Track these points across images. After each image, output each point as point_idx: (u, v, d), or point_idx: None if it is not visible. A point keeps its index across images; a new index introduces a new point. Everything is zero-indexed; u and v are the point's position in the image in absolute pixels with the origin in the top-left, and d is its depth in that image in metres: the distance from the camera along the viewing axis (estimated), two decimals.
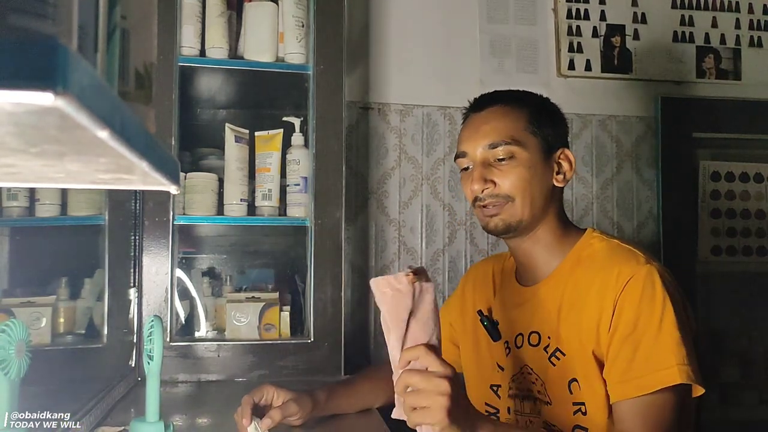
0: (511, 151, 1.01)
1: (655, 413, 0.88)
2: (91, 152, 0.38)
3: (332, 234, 1.48)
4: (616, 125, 2.03)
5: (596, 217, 1.99)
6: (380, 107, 1.91)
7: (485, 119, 1.05)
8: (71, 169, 0.45)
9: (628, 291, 0.93)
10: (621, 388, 0.91)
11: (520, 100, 1.08)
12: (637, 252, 1.00)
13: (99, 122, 0.30)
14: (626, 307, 0.93)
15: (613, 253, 1.00)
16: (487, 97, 1.09)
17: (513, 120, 1.03)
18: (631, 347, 0.91)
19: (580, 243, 1.05)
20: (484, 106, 1.07)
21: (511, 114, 1.04)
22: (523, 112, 1.05)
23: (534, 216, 1.02)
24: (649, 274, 0.94)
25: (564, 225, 1.08)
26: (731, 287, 2.01)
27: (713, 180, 2.05)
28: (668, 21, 2.07)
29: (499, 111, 1.05)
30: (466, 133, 1.07)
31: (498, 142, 1.01)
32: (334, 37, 1.52)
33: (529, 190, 1.01)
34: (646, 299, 0.92)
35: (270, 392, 1.05)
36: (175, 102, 1.44)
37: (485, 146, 1.02)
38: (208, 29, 1.49)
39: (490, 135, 1.02)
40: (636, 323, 0.92)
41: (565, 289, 1.01)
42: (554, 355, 0.99)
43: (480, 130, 1.04)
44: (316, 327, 1.46)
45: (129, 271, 1.42)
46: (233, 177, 1.49)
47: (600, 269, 0.98)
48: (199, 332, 1.59)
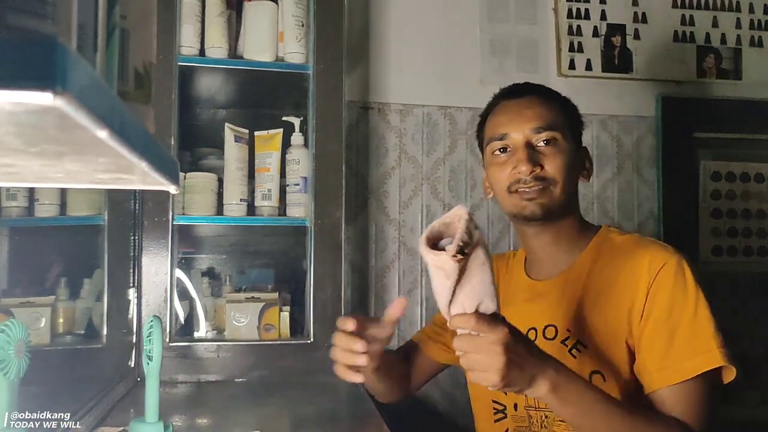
0: (555, 137, 1.03)
1: (698, 397, 0.89)
2: (91, 152, 0.38)
3: (332, 234, 1.48)
4: (616, 125, 2.03)
5: (597, 216, 1.99)
6: (380, 107, 1.91)
7: (527, 105, 1.06)
8: (71, 169, 0.45)
9: (661, 278, 0.95)
10: (661, 375, 0.91)
11: (553, 94, 1.10)
12: (662, 242, 1.03)
13: (98, 122, 0.30)
14: (660, 294, 0.94)
15: (638, 243, 1.02)
16: (522, 86, 1.11)
17: (554, 110, 1.06)
18: (667, 333, 0.92)
19: (598, 237, 1.07)
20: (523, 94, 1.08)
21: (550, 104, 1.06)
22: (558, 105, 1.07)
23: (566, 205, 1.04)
24: (680, 262, 0.96)
25: (582, 220, 1.11)
26: (732, 287, 2.01)
27: (714, 180, 2.05)
28: (669, 20, 2.07)
29: (540, 100, 1.07)
30: (505, 117, 1.06)
31: (544, 126, 1.02)
32: (334, 36, 1.52)
33: (568, 179, 1.03)
34: (680, 286, 0.94)
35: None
36: (174, 102, 1.44)
37: (531, 129, 1.03)
38: (207, 29, 1.49)
39: (535, 119, 1.03)
40: (671, 309, 0.92)
41: (588, 281, 1.02)
42: (575, 347, 0.99)
43: (523, 114, 1.04)
44: (316, 327, 1.46)
45: (128, 272, 1.42)
46: (233, 177, 1.49)
47: (628, 259, 0.99)
48: (199, 332, 1.59)
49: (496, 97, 1.12)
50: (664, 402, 0.90)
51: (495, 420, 1.10)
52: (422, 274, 1.89)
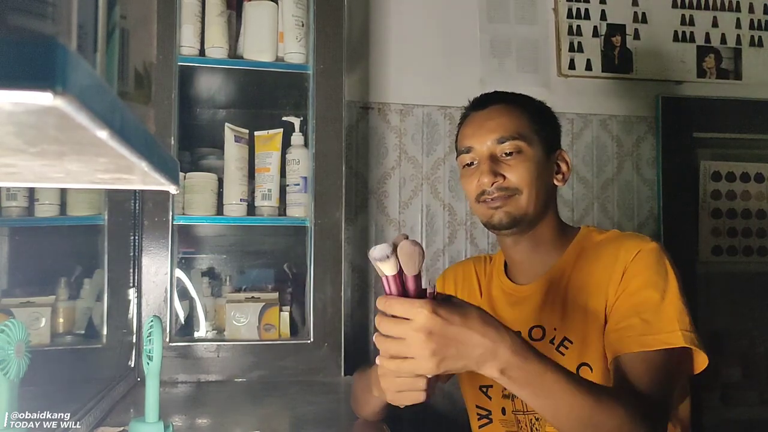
0: (518, 146, 1.03)
1: (654, 369, 0.88)
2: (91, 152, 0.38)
3: (332, 234, 1.48)
4: (616, 125, 2.03)
5: (597, 217, 1.99)
6: (380, 107, 1.91)
7: (490, 116, 1.06)
8: (71, 169, 0.45)
9: (636, 261, 0.96)
10: (622, 343, 0.91)
11: (521, 101, 1.10)
12: (640, 234, 1.05)
13: (98, 122, 0.30)
14: (633, 275, 0.95)
15: (617, 237, 1.04)
16: (489, 96, 1.11)
17: (518, 117, 1.06)
18: (633, 309, 0.92)
19: (578, 238, 1.08)
20: (487, 104, 1.09)
21: (515, 112, 1.06)
22: (525, 112, 1.07)
23: (537, 212, 1.04)
24: (654, 249, 0.98)
25: (561, 223, 1.11)
26: (732, 287, 2.01)
27: (714, 180, 2.05)
28: (669, 20, 2.07)
29: (503, 109, 1.07)
30: (470, 129, 1.08)
31: (506, 136, 1.03)
32: (333, 36, 1.52)
33: (535, 185, 1.03)
34: (652, 268, 0.95)
35: None
36: (174, 102, 1.44)
37: (493, 140, 1.04)
38: (207, 29, 1.49)
39: (497, 130, 1.04)
40: (640, 288, 0.94)
41: (570, 279, 1.03)
42: (562, 344, 1.00)
43: (485, 126, 1.05)
44: (316, 327, 1.46)
45: (128, 271, 1.42)
46: (233, 177, 1.49)
47: (607, 252, 1.01)
48: (199, 332, 1.59)
49: (466, 108, 1.13)
50: (623, 366, 0.89)
51: (479, 426, 1.10)
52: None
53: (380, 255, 0.71)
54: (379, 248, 0.71)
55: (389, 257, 0.71)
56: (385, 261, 0.71)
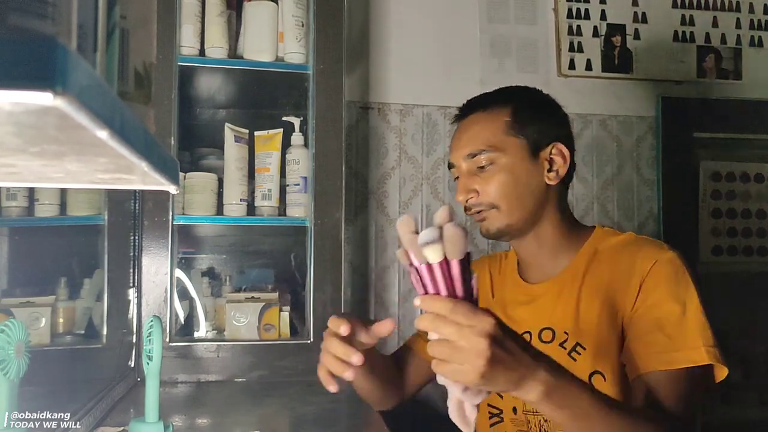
0: (490, 159, 1.01)
1: (681, 387, 0.87)
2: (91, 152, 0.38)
3: (332, 234, 1.48)
4: (616, 125, 2.03)
5: (597, 217, 1.99)
6: (380, 107, 1.91)
7: (465, 128, 1.06)
8: (71, 169, 0.45)
9: (654, 273, 0.94)
10: (646, 360, 0.89)
11: (501, 101, 1.06)
12: (657, 240, 1.02)
13: (98, 122, 0.30)
14: (651, 288, 0.94)
15: (634, 242, 1.02)
16: (468, 105, 1.09)
17: (491, 125, 1.03)
18: (655, 324, 0.91)
19: (593, 238, 1.06)
20: (465, 114, 1.08)
21: (489, 119, 1.04)
22: (503, 114, 1.04)
23: (526, 218, 1.02)
24: (673, 259, 0.96)
25: (569, 222, 1.08)
26: (732, 287, 2.01)
27: (714, 180, 2.05)
28: (669, 20, 2.07)
29: (479, 117, 1.05)
30: (453, 143, 1.08)
31: (476, 151, 1.02)
32: (333, 36, 1.52)
33: (514, 194, 1.01)
34: (671, 281, 0.94)
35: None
36: (174, 102, 1.44)
37: (465, 156, 1.04)
38: (207, 29, 1.49)
39: (468, 145, 1.03)
40: (661, 303, 0.92)
41: (583, 282, 1.01)
42: (574, 350, 0.98)
43: (461, 140, 1.06)
44: (316, 327, 1.46)
45: (128, 271, 1.42)
46: (233, 177, 1.49)
47: (623, 257, 0.99)
48: (199, 332, 1.59)
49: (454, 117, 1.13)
50: (648, 385, 0.88)
51: (491, 424, 1.09)
52: None
53: (428, 238, 0.65)
54: (426, 232, 0.65)
55: (436, 242, 0.65)
56: (432, 245, 0.65)
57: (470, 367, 0.66)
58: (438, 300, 0.67)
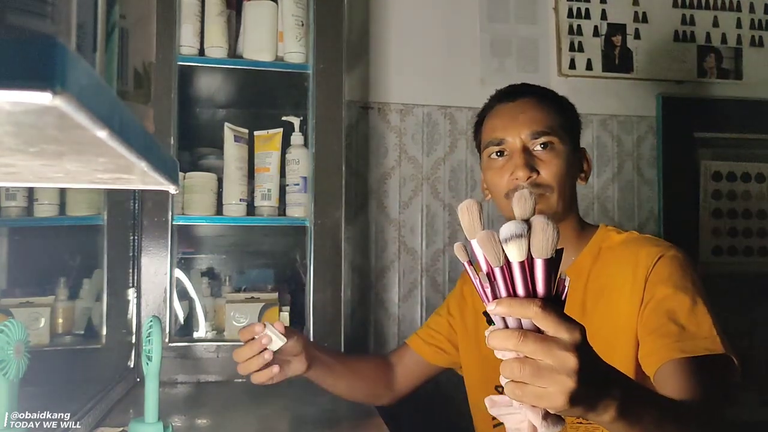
0: (552, 141, 1.02)
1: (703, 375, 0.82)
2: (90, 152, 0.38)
3: (332, 234, 1.48)
4: (617, 125, 2.03)
5: (597, 216, 1.99)
6: (380, 107, 1.91)
7: (521, 108, 1.05)
8: (70, 169, 0.45)
9: (659, 268, 0.94)
10: (663, 353, 0.85)
11: (550, 95, 1.10)
12: (661, 239, 1.03)
13: (98, 122, 0.30)
14: (658, 282, 0.93)
15: (637, 240, 1.02)
16: (518, 88, 1.10)
17: (550, 112, 1.05)
18: (668, 318, 0.89)
19: (596, 236, 1.06)
20: (517, 97, 1.07)
21: (546, 107, 1.06)
22: (554, 107, 1.06)
23: (564, 210, 1.03)
24: (677, 255, 0.96)
25: (581, 222, 1.10)
26: (732, 288, 2.01)
27: (714, 180, 2.05)
28: (669, 20, 2.07)
29: (535, 102, 1.06)
30: (501, 121, 1.06)
31: (541, 130, 1.02)
32: (333, 36, 1.52)
33: (565, 183, 1.02)
34: (677, 275, 0.93)
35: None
36: (174, 101, 1.44)
37: (527, 134, 1.02)
38: (207, 28, 1.49)
39: (531, 123, 1.03)
40: (671, 297, 0.91)
41: (588, 281, 1.01)
42: None
43: (518, 118, 1.04)
44: (316, 327, 1.46)
45: (128, 272, 1.42)
46: (232, 177, 1.49)
47: (627, 255, 0.99)
48: (198, 333, 1.59)
49: (492, 98, 1.12)
50: (667, 376, 0.84)
51: (494, 425, 1.09)
52: (422, 275, 1.89)
53: (516, 231, 0.54)
54: (511, 224, 0.55)
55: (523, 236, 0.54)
56: (518, 241, 0.54)
57: (558, 389, 0.54)
58: (522, 302, 0.55)
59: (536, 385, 0.55)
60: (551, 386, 0.54)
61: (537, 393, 0.55)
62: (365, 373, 1.20)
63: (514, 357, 0.56)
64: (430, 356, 1.23)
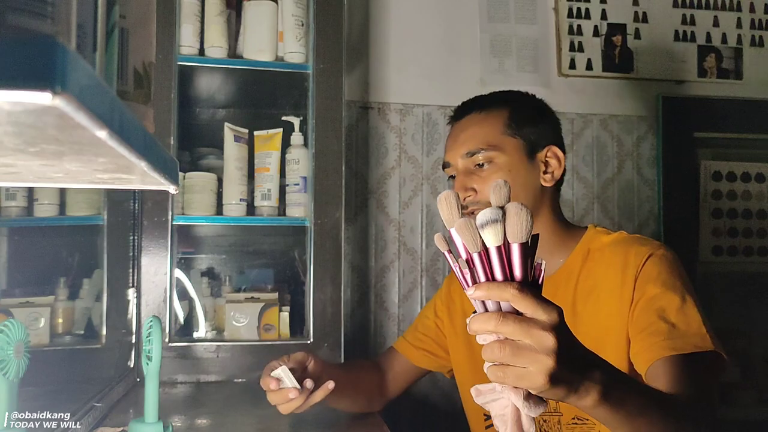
0: (489, 157, 1.03)
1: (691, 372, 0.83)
2: (90, 152, 0.38)
3: (332, 234, 1.48)
4: (617, 125, 2.03)
5: (597, 217, 1.99)
6: (380, 107, 1.91)
7: (463, 128, 1.07)
8: (70, 169, 0.45)
9: (648, 267, 0.95)
10: (653, 351, 0.86)
11: (499, 102, 1.08)
12: (650, 238, 1.03)
13: (98, 122, 0.30)
14: (647, 282, 0.93)
15: (625, 240, 1.02)
16: (464, 106, 1.11)
17: (490, 125, 1.05)
18: (657, 316, 0.89)
19: (585, 238, 1.06)
20: (462, 115, 1.09)
21: (487, 119, 1.06)
22: (501, 115, 1.06)
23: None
24: (666, 254, 0.97)
25: (562, 223, 1.09)
26: (732, 287, 2.01)
27: (714, 180, 2.05)
28: (669, 20, 2.07)
29: (476, 118, 1.07)
30: (448, 143, 1.09)
31: (475, 149, 1.03)
32: (333, 36, 1.52)
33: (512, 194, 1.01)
34: (666, 274, 0.94)
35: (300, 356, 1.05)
36: (174, 101, 1.44)
37: (463, 155, 1.05)
38: (207, 28, 1.49)
39: (467, 143, 1.05)
40: (660, 296, 0.91)
41: (577, 283, 1.01)
42: None
43: (458, 139, 1.06)
44: (316, 327, 1.46)
45: (128, 272, 1.42)
46: (232, 177, 1.49)
47: (616, 255, 0.99)
48: (198, 333, 1.59)
49: (449, 118, 1.14)
50: (657, 377, 0.85)
51: (486, 427, 1.09)
52: (422, 275, 1.89)
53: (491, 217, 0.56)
54: (487, 211, 0.57)
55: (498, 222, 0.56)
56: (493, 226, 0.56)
57: (538, 368, 0.55)
58: (500, 285, 0.56)
59: (517, 365, 0.56)
60: (531, 365, 0.55)
61: (518, 373, 0.56)
62: (363, 386, 1.20)
63: (495, 339, 0.57)
64: (419, 360, 1.23)
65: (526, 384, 0.56)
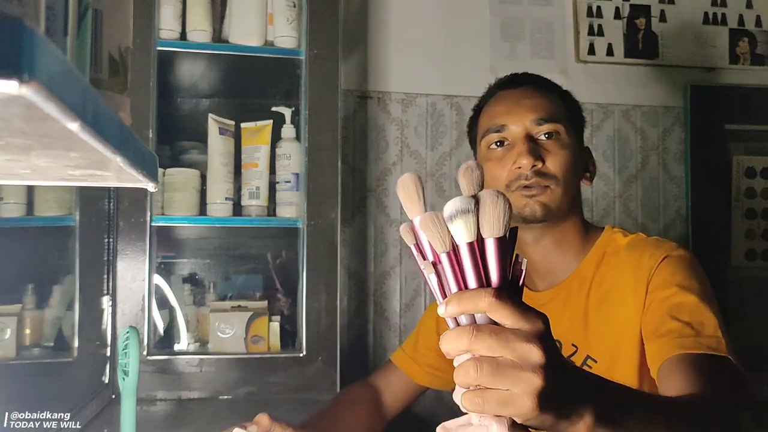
0: (558, 129, 1.03)
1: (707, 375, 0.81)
2: (61, 146, 0.38)
3: (327, 236, 1.48)
4: (640, 116, 2.03)
5: (619, 217, 2.00)
6: (380, 96, 1.91)
7: (526, 94, 1.06)
8: (39, 165, 0.45)
9: (661, 270, 0.95)
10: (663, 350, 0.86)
11: (552, 85, 1.11)
12: (666, 240, 1.03)
13: (69, 112, 0.30)
14: (661, 284, 0.94)
15: (641, 242, 1.03)
16: (519, 76, 1.12)
17: (554, 102, 1.07)
18: (670, 316, 0.89)
19: (601, 240, 1.07)
20: (519, 84, 1.09)
21: (550, 95, 1.07)
22: (559, 99, 1.08)
23: (567, 206, 1.04)
24: (684, 256, 0.97)
25: (585, 224, 1.11)
26: (766, 294, 2.01)
27: (748, 176, 2.05)
28: (698, 1, 2.08)
29: (538, 90, 1.07)
30: (503, 107, 1.07)
31: (546, 117, 1.03)
32: (328, 18, 1.52)
33: (571, 175, 1.04)
34: (682, 275, 0.94)
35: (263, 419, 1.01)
36: (153, 90, 1.44)
37: (532, 120, 1.03)
38: (189, 10, 1.49)
39: (536, 110, 1.04)
40: (673, 297, 0.92)
41: (590, 289, 1.02)
42: (585, 363, 0.99)
43: (522, 104, 1.05)
44: (309, 339, 1.47)
45: (102, 278, 1.43)
46: (217, 173, 1.50)
47: (629, 259, 1.00)
48: (180, 345, 1.59)
49: (491, 87, 1.14)
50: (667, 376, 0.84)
51: None
52: (426, 281, 1.89)
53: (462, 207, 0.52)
54: (456, 200, 0.52)
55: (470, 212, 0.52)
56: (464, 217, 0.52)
57: (523, 388, 0.49)
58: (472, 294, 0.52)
59: (498, 388, 0.50)
60: (515, 386, 0.50)
61: (500, 398, 0.50)
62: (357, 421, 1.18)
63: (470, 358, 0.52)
64: (420, 378, 1.23)
65: (510, 410, 0.50)
